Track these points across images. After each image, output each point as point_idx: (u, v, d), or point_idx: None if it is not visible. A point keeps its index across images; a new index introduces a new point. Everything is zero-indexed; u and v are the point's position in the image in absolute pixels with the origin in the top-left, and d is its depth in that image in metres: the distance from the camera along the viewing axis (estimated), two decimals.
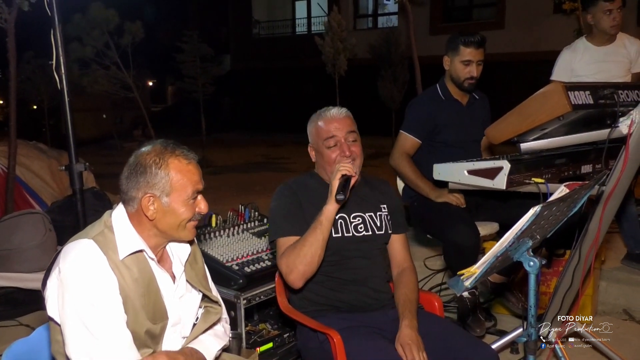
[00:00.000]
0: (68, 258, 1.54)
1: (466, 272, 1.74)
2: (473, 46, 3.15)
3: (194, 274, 1.80)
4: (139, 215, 1.63)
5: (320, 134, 2.26)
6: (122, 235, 1.61)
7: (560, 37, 13.00)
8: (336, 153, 2.22)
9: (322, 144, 2.25)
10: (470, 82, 3.21)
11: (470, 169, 2.57)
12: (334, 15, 13.35)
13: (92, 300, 1.51)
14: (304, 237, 2.10)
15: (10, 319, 3.67)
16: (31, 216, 3.92)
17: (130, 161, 1.63)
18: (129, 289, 1.57)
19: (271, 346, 2.71)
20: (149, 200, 1.59)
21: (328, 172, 2.24)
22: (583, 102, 2.34)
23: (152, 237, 1.66)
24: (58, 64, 2.76)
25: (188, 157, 1.65)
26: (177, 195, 1.62)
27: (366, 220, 2.28)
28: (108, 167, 7.36)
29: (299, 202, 2.23)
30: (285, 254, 2.13)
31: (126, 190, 1.62)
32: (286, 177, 2.38)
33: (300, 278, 2.11)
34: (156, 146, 1.64)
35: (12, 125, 4.76)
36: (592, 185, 2.07)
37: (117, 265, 1.56)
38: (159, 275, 1.68)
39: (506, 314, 3.49)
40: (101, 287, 1.52)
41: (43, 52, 15.45)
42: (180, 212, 1.63)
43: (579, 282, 2.55)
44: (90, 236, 1.58)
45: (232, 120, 22.39)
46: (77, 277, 1.51)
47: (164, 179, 1.59)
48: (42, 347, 1.77)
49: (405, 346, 2.00)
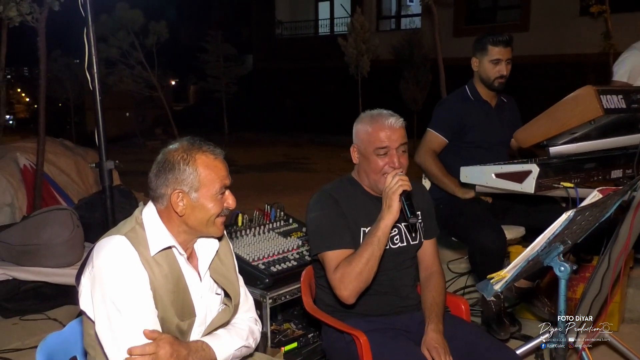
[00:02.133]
0: (101, 254, 1.57)
1: (496, 275, 1.73)
2: (502, 45, 3.14)
3: (223, 271, 1.81)
4: (169, 212, 1.65)
5: (372, 141, 2.11)
6: (153, 232, 1.63)
7: (586, 41, 12.87)
8: (384, 162, 2.10)
9: (372, 150, 2.12)
10: (500, 81, 3.19)
11: (498, 172, 2.55)
12: (357, 16, 13.36)
13: (124, 294, 1.53)
14: (360, 254, 2.01)
15: (38, 312, 3.74)
16: (60, 212, 3.98)
17: (159, 159, 1.65)
18: (158, 285, 1.60)
19: (296, 346, 2.72)
20: (178, 197, 1.62)
21: (371, 179, 2.16)
22: (615, 107, 2.32)
23: (181, 233, 1.68)
24: (90, 63, 2.80)
25: (215, 153, 1.68)
26: (206, 191, 1.64)
27: (402, 230, 2.22)
28: (132, 164, 7.44)
29: (343, 212, 2.13)
30: (340, 271, 2.03)
31: (155, 187, 1.64)
32: (307, 178, 2.38)
33: (355, 295, 2.04)
34: (183, 143, 1.66)
35: (42, 122, 4.83)
36: (625, 190, 2.05)
37: (148, 261, 1.59)
38: (187, 272, 1.70)
39: (531, 319, 3.45)
40: (133, 281, 1.55)
41: (69, 50, 15.73)
42: (209, 208, 1.65)
43: (608, 289, 2.52)
44: (122, 232, 1.61)
45: (254, 120, 22.48)
46: (110, 272, 1.54)
47: (192, 174, 1.62)
48: (75, 340, 1.80)
49: (432, 349, 2.00)
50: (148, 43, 12.34)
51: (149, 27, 12.26)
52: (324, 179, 6.79)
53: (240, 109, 20.94)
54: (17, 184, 5.11)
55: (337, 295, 2.06)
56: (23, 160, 5.32)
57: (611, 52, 9.26)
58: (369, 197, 2.21)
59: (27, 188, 5.11)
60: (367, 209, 2.17)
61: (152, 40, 12.30)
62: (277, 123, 21.65)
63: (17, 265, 3.84)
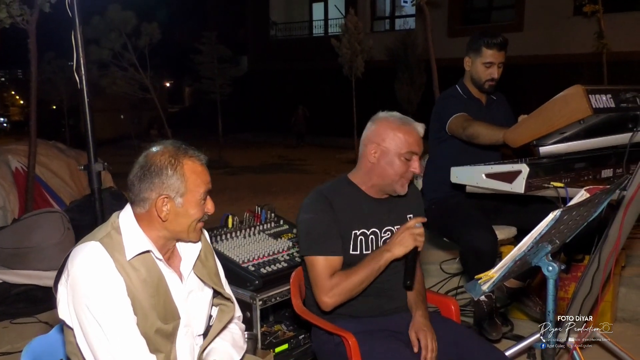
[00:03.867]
0: (75, 261, 1.54)
1: (484, 276, 1.73)
2: (495, 48, 3.13)
3: (205, 272, 1.80)
4: (150, 216, 1.62)
5: (401, 145, 2.13)
6: (129, 237, 1.61)
7: (579, 40, 12.91)
8: (406, 167, 2.14)
9: (400, 153, 2.13)
10: (490, 83, 3.19)
11: (489, 173, 2.54)
12: (351, 17, 13.37)
13: (100, 303, 1.51)
14: (357, 272, 2.06)
15: (29, 316, 3.72)
16: (50, 215, 3.97)
17: (142, 162, 1.62)
18: (136, 290, 1.57)
19: (287, 347, 2.72)
20: (163, 202, 1.59)
21: (387, 180, 2.17)
22: (604, 106, 2.31)
23: (160, 238, 1.65)
24: (78, 64, 2.78)
25: (200, 159, 1.66)
26: (191, 196, 1.62)
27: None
28: (125, 166, 7.37)
29: (336, 216, 2.13)
30: (335, 280, 2.07)
31: (138, 191, 1.61)
32: (303, 179, 2.38)
33: (335, 306, 2.10)
34: (168, 147, 1.63)
35: (33, 125, 4.82)
36: (613, 190, 2.04)
37: (123, 267, 1.56)
38: (168, 275, 1.68)
39: (523, 319, 3.46)
40: (108, 289, 1.53)
41: (63, 53, 15.72)
42: (192, 213, 1.64)
43: (599, 288, 2.52)
44: (97, 238, 1.58)
45: (249, 121, 22.47)
46: (85, 280, 1.52)
47: (179, 180, 1.60)
48: (61, 344, 1.78)
49: (420, 332, 2.08)
50: (140, 44, 12.30)
51: (141, 29, 12.22)
52: (319, 180, 6.77)
53: (235, 110, 20.93)
54: (9, 186, 5.09)
55: (318, 299, 2.09)
56: (15, 163, 5.31)
57: (604, 51, 9.30)
58: (365, 198, 2.21)
59: (19, 191, 5.09)
60: (361, 210, 2.18)
61: (144, 42, 12.27)
62: (273, 124, 21.65)
63: (8, 268, 3.83)
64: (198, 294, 1.77)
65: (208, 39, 15.41)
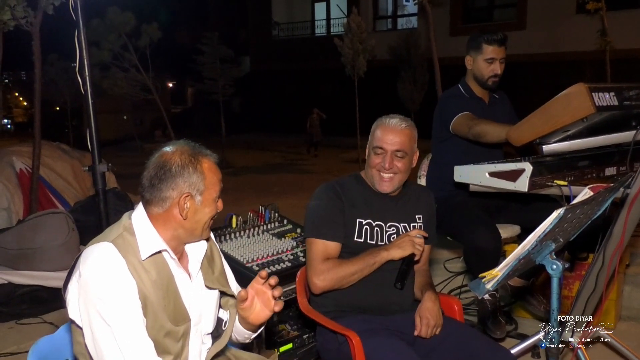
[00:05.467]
0: (88, 262, 1.55)
1: (488, 274, 1.73)
2: (496, 44, 3.13)
3: (211, 272, 1.80)
4: (167, 215, 1.63)
5: (373, 139, 2.27)
6: (144, 237, 1.61)
7: (582, 38, 12.88)
8: (379, 160, 2.23)
9: (372, 147, 2.26)
10: (494, 79, 3.19)
11: (492, 171, 2.55)
12: (354, 16, 13.35)
13: (112, 305, 1.51)
14: (353, 263, 2.16)
15: (34, 316, 3.73)
16: (54, 216, 3.98)
17: (159, 163, 1.62)
18: (148, 292, 1.58)
19: (291, 347, 2.72)
20: (184, 200, 1.61)
21: (368, 173, 2.29)
22: (607, 104, 2.31)
23: (175, 238, 1.66)
24: (82, 66, 2.80)
25: (214, 157, 1.70)
26: (208, 194, 1.65)
27: (400, 230, 2.30)
28: (129, 167, 7.43)
29: (342, 207, 2.24)
30: (329, 264, 2.16)
31: (159, 191, 1.61)
32: (305, 179, 2.42)
33: (324, 291, 2.19)
34: (184, 147, 1.65)
35: (37, 127, 4.84)
36: (616, 188, 2.04)
37: (136, 269, 1.57)
38: (177, 275, 1.69)
39: (527, 318, 3.45)
40: (120, 291, 1.53)
41: (66, 54, 15.75)
42: (208, 211, 1.67)
43: (603, 286, 2.51)
44: (110, 239, 1.59)
45: (251, 122, 22.48)
46: (97, 281, 1.52)
47: (199, 178, 1.62)
48: (67, 344, 1.79)
49: (423, 319, 2.13)
50: (140, 45, 12.32)
51: (141, 30, 12.24)
52: (322, 180, 6.81)
53: (238, 111, 20.94)
54: (14, 188, 5.11)
55: (309, 279, 2.20)
56: (19, 164, 5.32)
57: (607, 49, 9.29)
58: (373, 194, 2.30)
59: (24, 192, 5.11)
60: (367, 202, 2.28)
61: (144, 42, 12.28)
62: (275, 124, 21.65)
63: (13, 269, 3.84)
64: (206, 291, 1.78)
65: (210, 39, 15.41)
